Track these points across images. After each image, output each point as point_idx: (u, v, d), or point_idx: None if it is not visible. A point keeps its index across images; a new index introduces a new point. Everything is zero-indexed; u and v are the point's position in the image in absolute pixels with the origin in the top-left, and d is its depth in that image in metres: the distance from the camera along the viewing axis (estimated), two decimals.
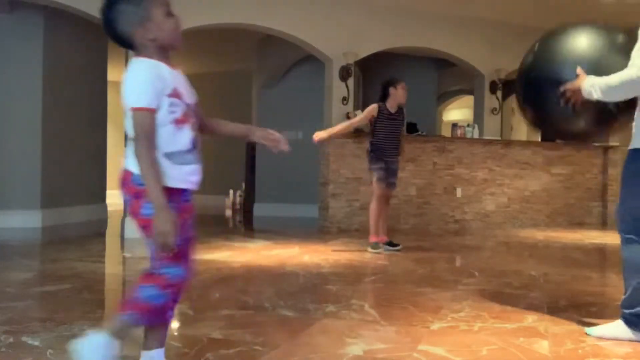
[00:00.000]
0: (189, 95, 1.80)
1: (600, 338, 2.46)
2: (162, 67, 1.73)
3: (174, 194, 1.72)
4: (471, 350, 2.29)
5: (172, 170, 1.72)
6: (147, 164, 1.66)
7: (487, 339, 2.46)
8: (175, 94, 1.72)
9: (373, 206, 5.19)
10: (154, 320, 1.81)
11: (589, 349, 2.34)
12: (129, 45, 1.75)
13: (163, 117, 1.70)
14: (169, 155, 1.72)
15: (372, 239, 5.15)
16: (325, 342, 2.40)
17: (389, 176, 5.18)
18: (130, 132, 1.69)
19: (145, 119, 1.66)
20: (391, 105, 5.18)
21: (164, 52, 1.75)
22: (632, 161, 2.45)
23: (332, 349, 2.29)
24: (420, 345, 2.35)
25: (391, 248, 5.20)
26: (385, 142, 5.15)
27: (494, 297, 3.29)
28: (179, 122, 1.73)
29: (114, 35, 1.74)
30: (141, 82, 1.67)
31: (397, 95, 5.17)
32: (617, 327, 2.47)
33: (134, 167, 1.69)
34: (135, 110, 1.66)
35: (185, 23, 7.26)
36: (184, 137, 1.75)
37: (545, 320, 2.77)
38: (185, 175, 1.76)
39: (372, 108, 5.17)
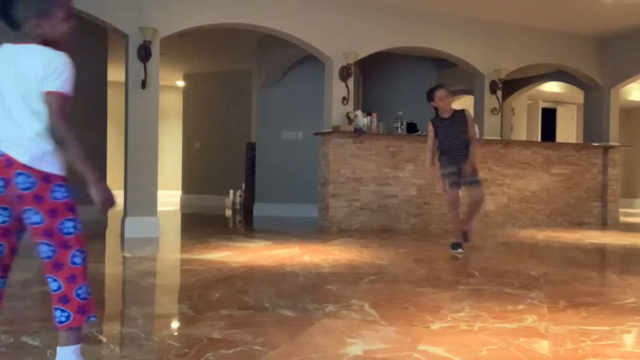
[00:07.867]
0: None
1: None
2: None
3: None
4: (471, 350, 2.29)
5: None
6: (75, 144, 1.80)
7: (487, 339, 2.46)
8: None
9: (449, 213, 5.32)
10: None
11: (589, 349, 2.34)
12: (12, 25, 1.78)
13: None
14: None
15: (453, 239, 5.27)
16: (325, 342, 2.40)
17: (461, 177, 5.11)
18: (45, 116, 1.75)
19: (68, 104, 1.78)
20: (442, 113, 5.19)
21: (46, 45, 1.79)
22: None
23: (332, 349, 2.30)
24: (420, 345, 2.35)
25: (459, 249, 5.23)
26: (447, 145, 5.12)
27: (494, 297, 3.29)
28: None
29: (4, 12, 1.76)
30: (71, 72, 1.79)
31: (440, 106, 5.18)
32: None
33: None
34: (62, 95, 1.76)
35: (186, 23, 7.22)
36: None
37: (545, 320, 2.77)
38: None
39: (429, 129, 5.22)
